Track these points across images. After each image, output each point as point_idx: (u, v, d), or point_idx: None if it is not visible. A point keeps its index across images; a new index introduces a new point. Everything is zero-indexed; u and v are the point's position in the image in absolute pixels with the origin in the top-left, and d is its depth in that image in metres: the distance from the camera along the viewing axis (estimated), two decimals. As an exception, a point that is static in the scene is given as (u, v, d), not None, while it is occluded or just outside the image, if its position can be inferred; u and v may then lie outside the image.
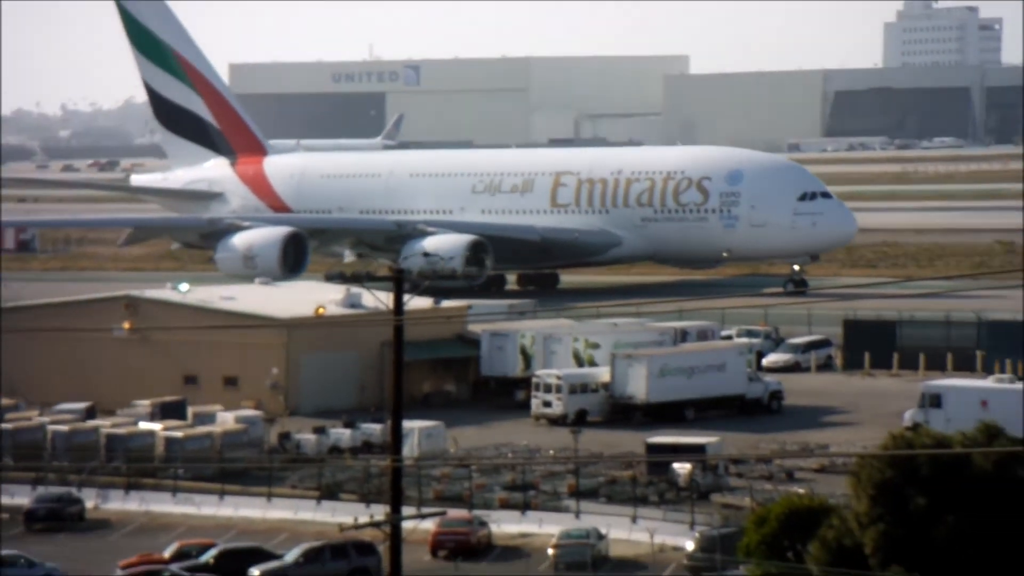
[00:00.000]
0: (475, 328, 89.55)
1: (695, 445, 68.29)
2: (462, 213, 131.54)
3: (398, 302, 42.44)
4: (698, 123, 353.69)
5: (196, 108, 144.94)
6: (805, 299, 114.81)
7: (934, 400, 73.58)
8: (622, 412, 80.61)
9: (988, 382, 75.84)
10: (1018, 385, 74.89)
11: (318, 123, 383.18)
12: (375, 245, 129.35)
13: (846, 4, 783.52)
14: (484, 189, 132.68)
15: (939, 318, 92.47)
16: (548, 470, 68.30)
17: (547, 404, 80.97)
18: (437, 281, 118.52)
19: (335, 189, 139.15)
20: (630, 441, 73.34)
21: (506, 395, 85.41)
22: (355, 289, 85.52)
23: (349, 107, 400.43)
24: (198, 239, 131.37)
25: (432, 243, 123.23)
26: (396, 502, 41.72)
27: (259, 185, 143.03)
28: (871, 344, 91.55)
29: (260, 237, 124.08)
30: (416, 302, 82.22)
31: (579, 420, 79.05)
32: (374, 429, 74.94)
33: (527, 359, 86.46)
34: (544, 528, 61.79)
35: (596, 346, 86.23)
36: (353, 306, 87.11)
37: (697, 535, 58.72)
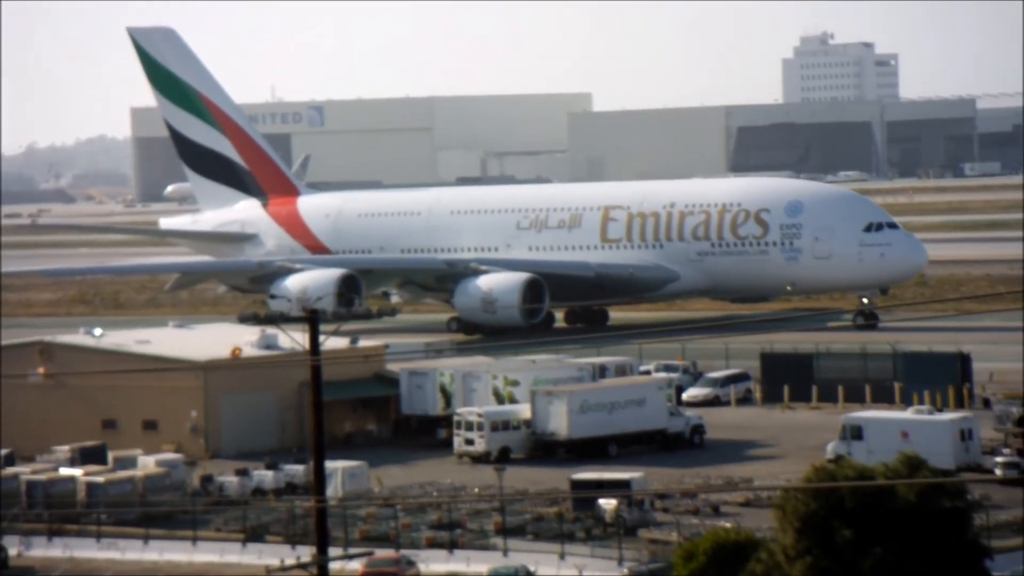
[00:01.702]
0: (394, 367, 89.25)
1: (620, 481, 68.26)
2: (507, 250, 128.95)
3: (314, 342, 42.25)
4: (604, 160, 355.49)
5: (223, 149, 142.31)
6: (725, 334, 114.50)
7: (855, 432, 74.06)
8: (545, 449, 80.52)
9: (908, 414, 76.48)
10: (937, 416, 75.58)
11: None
12: (425, 285, 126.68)
13: (745, 40, 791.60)
14: (530, 225, 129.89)
15: (855, 350, 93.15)
16: (474, 508, 68.06)
17: (469, 442, 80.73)
18: (495, 322, 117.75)
19: (374, 228, 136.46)
20: (554, 478, 73.24)
21: (428, 434, 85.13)
22: (270, 330, 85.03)
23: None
24: (247, 283, 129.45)
25: (487, 282, 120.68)
26: (322, 543, 41.43)
27: (294, 226, 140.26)
28: (789, 377, 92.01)
29: (314, 279, 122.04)
30: (332, 342, 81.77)
31: (502, 457, 78.84)
32: (297, 470, 74.45)
33: (447, 397, 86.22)
34: (472, 567, 61.58)
35: (515, 383, 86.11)
36: (269, 347, 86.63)
37: (626, 571, 58.63)
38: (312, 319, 43.20)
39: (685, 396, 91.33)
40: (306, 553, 51.85)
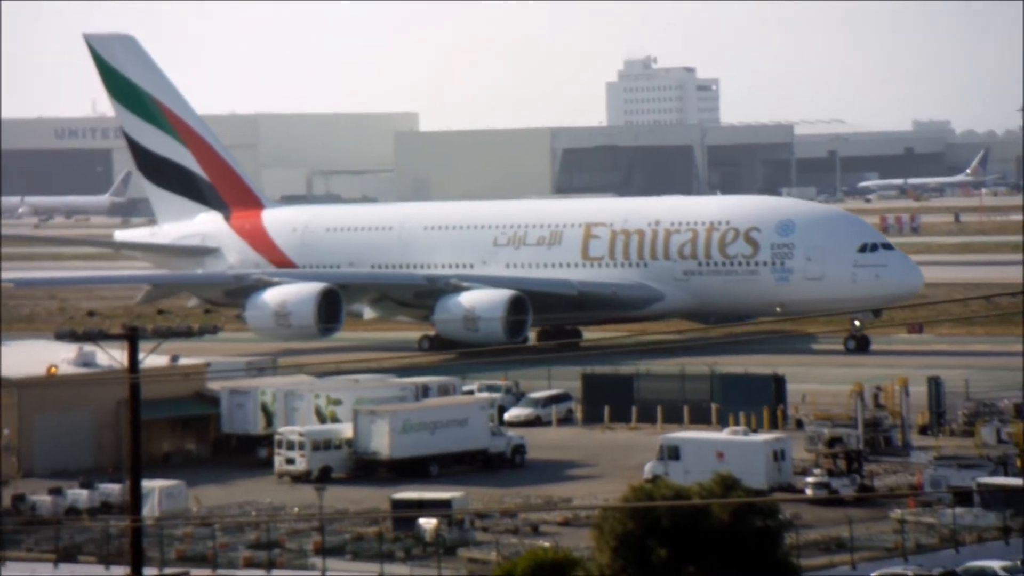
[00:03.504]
0: (215, 386, 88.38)
1: (440, 500, 68.28)
2: (483, 267, 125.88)
3: (133, 360, 41.77)
4: (431, 180, 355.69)
5: (183, 160, 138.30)
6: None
7: (672, 452, 74.82)
8: (366, 468, 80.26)
9: (723, 434, 77.44)
10: (751, 437, 76.66)
11: (42, 180, 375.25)
12: (403, 301, 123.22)
13: (570, 63, 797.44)
14: (507, 242, 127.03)
15: (674, 372, 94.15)
16: (293, 528, 67.63)
17: (290, 461, 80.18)
18: (476, 340, 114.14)
19: (343, 243, 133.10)
20: (375, 497, 73.05)
21: (248, 453, 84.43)
22: (88, 347, 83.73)
23: (75, 163, 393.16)
24: (222, 296, 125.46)
25: (469, 299, 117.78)
26: (137, 563, 40.98)
27: (258, 239, 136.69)
28: (609, 398, 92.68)
29: (293, 293, 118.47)
30: (152, 360, 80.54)
31: (323, 477, 78.44)
32: (113, 489, 73.36)
33: (268, 416, 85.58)
34: (291, 587, 61.13)
35: (338, 402, 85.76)
36: (87, 364, 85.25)
37: (445, 590, 58.59)
38: (131, 336, 42.70)
39: (507, 416, 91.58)
40: (120, 573, 51.21)
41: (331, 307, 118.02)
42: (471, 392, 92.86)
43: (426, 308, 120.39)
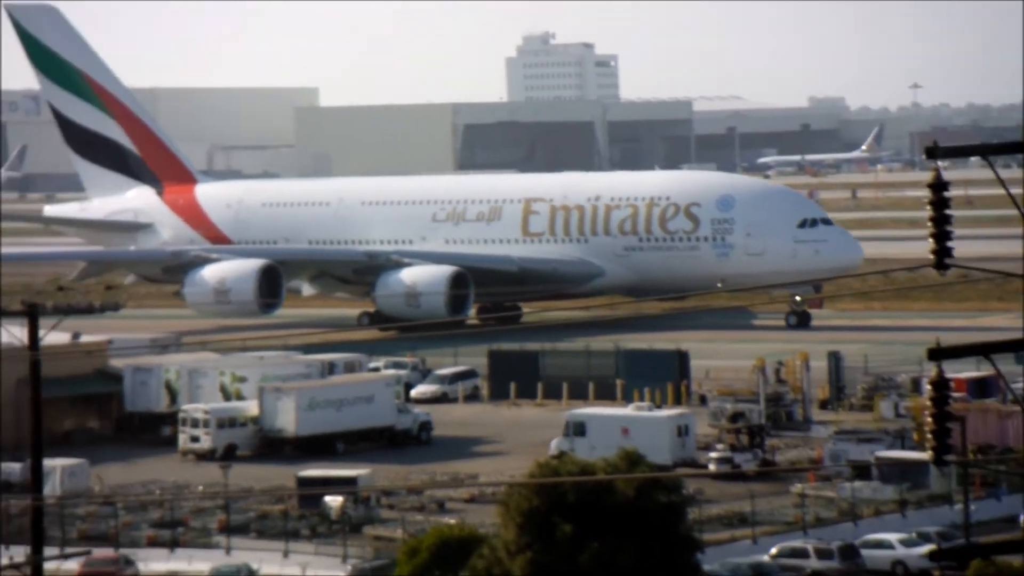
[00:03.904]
0: (118, 363, 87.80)
1: (346, 478, 68.34)
2: (422, 243, 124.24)
3: (33, 337, 41.55)
4: (331, 155, 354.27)
5: (113, 134, 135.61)
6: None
7: (578, 428, 75.30)
8: (272, 446, 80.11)
9: (628, 410, 78.03)
10: (656, 412, 77.32)
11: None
12: (342, 277, 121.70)
13: (470, 38, 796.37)
14: (446, 217, 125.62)
15: (580, 348, 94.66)
16: (198, 506, 67.42)
17: (195, 439, 79.87)
18: (418, 316, 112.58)
19: (279, 218, 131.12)
20: (281, 475, 72.95)
21: (152, 431, 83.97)
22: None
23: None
24: (159, 273, 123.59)
25: (411, 275, 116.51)
26: (37, 543, 40.77)
27: (192, 215, 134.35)
28: (516, 374, 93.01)
29: (233, 270, 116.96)
30: (53, 337, 79.93)
31: (228, 455, 78.19)
32: (13, 468, 72.74)
33: (172, 394, 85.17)
34: (194, 565, 60.97)
35: (243, 379, 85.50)
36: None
37: (349, 568, 58.74)
38: (31, 313, 42.39)
39: (413, 393, 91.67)
40: (20, 554, 50.74)
41: (271, 284, 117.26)
42: (377, 369, 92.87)
43: (366, 284, 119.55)
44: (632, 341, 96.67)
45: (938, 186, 23.04)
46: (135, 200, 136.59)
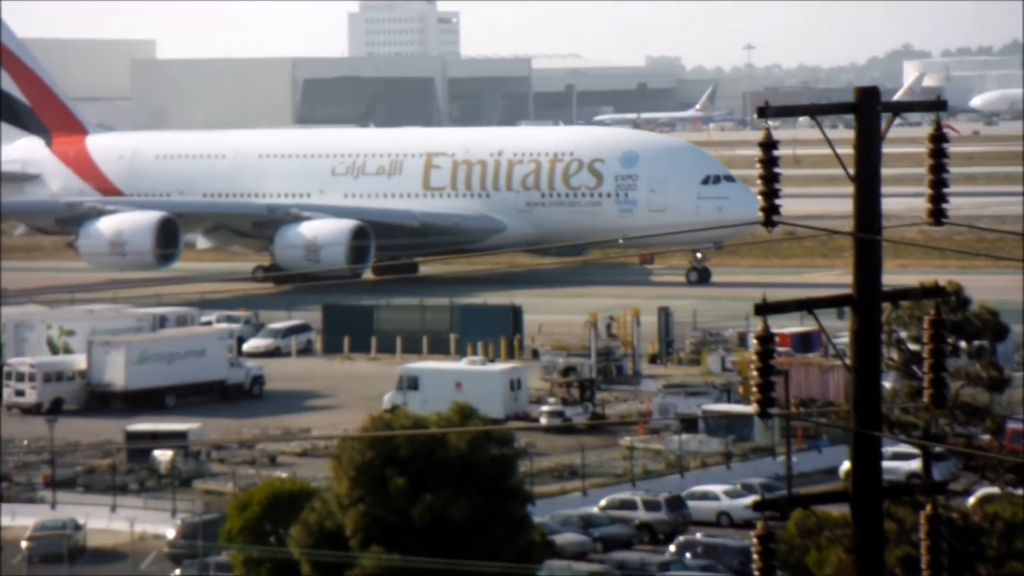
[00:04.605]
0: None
1: (176, 432, 67.84)
2: (321, 197, 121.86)
3: None
4: (169, 109, 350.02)
5: (2, 84, 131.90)
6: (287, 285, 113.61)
7: (412, 383, 75.42)
8: (100, 400, 79.27)
9: (462, 364, 78.31)
10: (489, 366, 77.68)
11: None
12: (241, 231, 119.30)
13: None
14: (346, 171, 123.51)
15: (415, 303, 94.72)
16: (23, 461, 66.54)
17: (20, 393, 78.77)
18: (315, 271, 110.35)
19: (173, 171, 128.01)
20: (110, 429, 72.20)
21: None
22: None
23: None
24: (52, 224, 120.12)
25: (310, 228, 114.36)
26: None
27: (83, 166, 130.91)
28: (350, 329, 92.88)
29: (130, 222, 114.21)
30: None
31: (54, 409, 77.24)
32: None
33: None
34: (18, 520, 60.26)
35: (71, 333, 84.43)
36: None
37: (179, 522, 58.44)
38: None
39: (246, 347, 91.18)
40: None
41: (168, 237, 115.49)
42: (210, 323, 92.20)
43: (264, 239, 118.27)
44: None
45: (768, 145, 23.45)
46: (22, 151, 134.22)
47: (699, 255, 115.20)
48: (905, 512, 45.71)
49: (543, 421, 72.78)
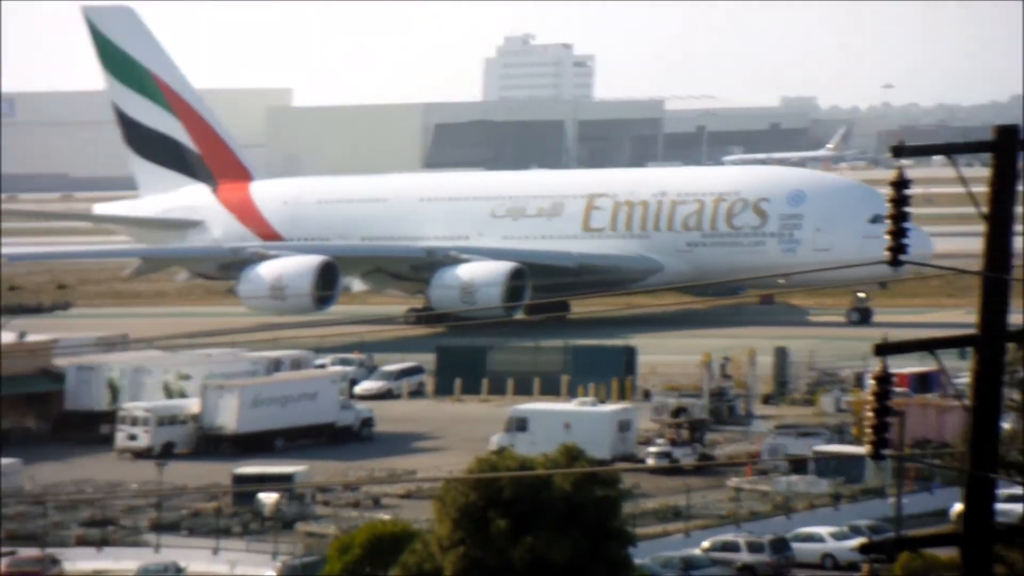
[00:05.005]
0: (62, 362, 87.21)
1: (282, 475, 67.89)
2: (480, 239, 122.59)
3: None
4: (302, 155, 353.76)
5: (172, 131, 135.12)
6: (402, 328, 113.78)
7: (520, 424, 74.94)
8: (211, 443, 79.57)
9: (571, 405, 77.69)
10: (598, 408, 76.98)
11: None
12: (398, 274, 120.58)
13: (448, 40, 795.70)
14: (505, 213, 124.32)
15: (528, 344, 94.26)
16: (130, 505, 66.89)
17: (132, 437, 79.30)
18: (474, 314, 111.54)
19: (334, 215, 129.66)
20: (218, 472, 72.41)
21: (91, 430, 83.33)
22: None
23: None
24: (215, 270, 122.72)
25: (467, 270, 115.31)
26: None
27: (246, 212, 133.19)
28: (462, 370, 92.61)
29: (290, 267, 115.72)
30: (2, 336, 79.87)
31: (165, 452, 77.63)
32: (-52, 469, 72.05)
33: (115, 392, 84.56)
34: (121, 564, 60.56)
35: (188, 377, 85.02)
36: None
37: (279, 565, 58.31)
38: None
39: (358, 389, 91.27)
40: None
41: (327, 280, 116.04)
42: (323, 366, 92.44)
43: (420, 281, 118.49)
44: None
45: (899, 184, 22.81)
46: (188, 197, 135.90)
47: (861, 294, 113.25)
48: (1016, 556, 44.40)
49: (650, 462, 71.92)
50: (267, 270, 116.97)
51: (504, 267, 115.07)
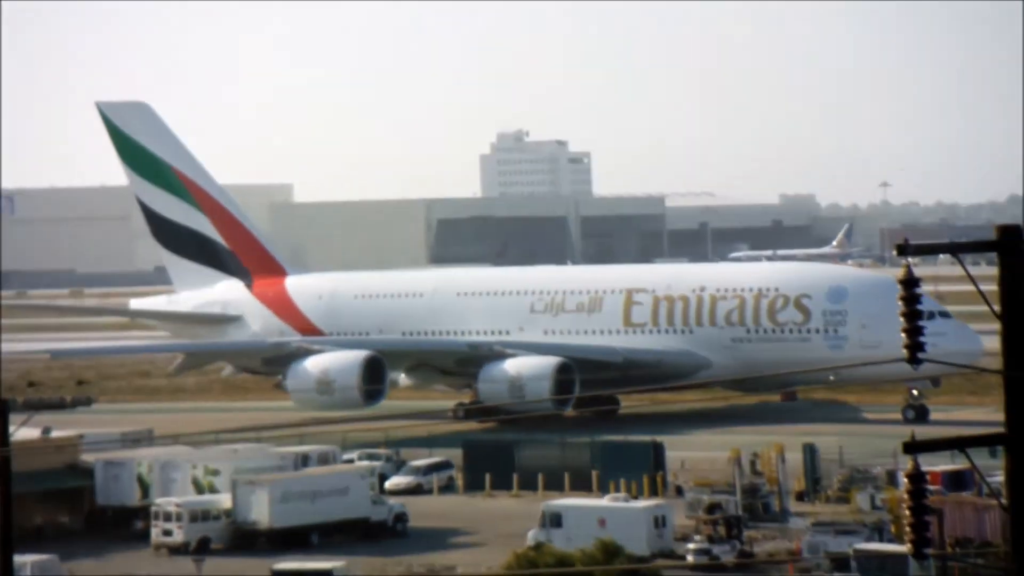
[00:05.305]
0: (89, 457, 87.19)
1: (322, 571, 67.80)
2: (520, 334, 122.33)
3: (3, 433, 41.16)
4: (306, 250, 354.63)
5: (201, 227, 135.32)
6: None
7: (555, 519, 74.94)
8: (246, 539, 79.51)
9: (605, 501, 77.70)
10: (633, 503, 76.98)
11: None
12: (443, 368, 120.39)
13: (444, 135, 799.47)
14: (545, 308, 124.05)
15: (554, 439, 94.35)
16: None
17: (167, 533, 79.24)
18: (521, 409, 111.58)
19: (372, 310, 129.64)
20: (255, 567, 72.32)
21: (124, 525, 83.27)
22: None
23: None
24: (260, 364, 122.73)
25: (515, 365, 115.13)
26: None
27: (282, 307, 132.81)
28: (491, 465, 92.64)
29: (337, 361, 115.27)
30: (23, 432, 79.46)
31: (201, 548, 77.58)
32: (-15, 563, 71.95)
33: (144, 488, 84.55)
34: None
35: (216, 472, 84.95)
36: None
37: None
38: (1, 408, 41.97)
39: (388, 484, 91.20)
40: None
41: (373, 375, 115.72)
42: (351, 461, 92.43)
43: (466, 375, 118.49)
44: (612, 433, 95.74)
45: (909, 282, 23.16)
46: (224, 293, 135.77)
47: (915, 392, 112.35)
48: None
49: (690, 559, 71.84)
50: (313, 365, 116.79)
51: (551, 361, 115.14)
